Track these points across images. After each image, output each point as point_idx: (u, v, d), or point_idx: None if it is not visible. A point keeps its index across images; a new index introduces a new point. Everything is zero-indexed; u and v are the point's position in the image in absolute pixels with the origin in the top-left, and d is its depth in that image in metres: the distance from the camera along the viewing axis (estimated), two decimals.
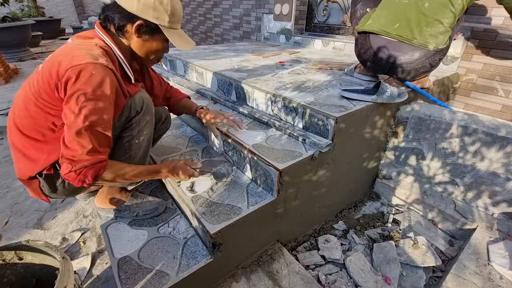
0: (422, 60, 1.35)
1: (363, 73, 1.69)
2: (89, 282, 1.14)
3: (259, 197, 1.11)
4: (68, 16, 10.70)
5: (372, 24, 1.44)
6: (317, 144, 1.16)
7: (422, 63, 1.36)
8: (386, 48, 1.39)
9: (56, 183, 0.96)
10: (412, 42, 1.32)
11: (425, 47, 1.31)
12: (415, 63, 1.36)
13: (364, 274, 1.21)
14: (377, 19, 1.43)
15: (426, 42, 1.31)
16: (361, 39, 1.51)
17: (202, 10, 4.82)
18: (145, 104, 1.02)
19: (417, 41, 1.31)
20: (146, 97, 1.03)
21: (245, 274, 1.13)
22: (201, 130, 1.59)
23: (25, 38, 5.22)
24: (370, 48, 1.45)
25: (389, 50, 1.39)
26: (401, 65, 1.39)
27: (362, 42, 1.50)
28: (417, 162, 1.53)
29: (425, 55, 1.34)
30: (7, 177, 1.81)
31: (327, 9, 2.87)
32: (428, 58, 1.35)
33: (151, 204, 1.21)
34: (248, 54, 2.50)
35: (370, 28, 1.44)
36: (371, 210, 1.65)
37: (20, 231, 1.38)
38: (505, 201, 1.28)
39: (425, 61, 1.35)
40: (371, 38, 1.45)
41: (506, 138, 1.22)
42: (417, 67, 1.38)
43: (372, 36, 1.44)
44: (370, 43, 1.45)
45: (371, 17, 1.47)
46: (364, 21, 1.50)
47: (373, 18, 1.45)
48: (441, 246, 1.39)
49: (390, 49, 1.38)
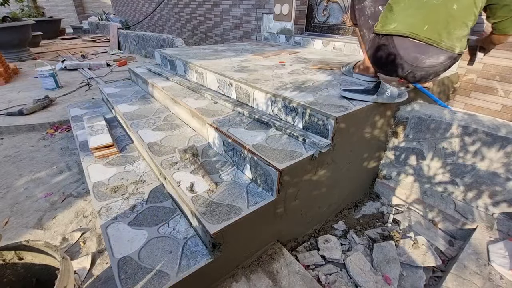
0: (445, 64, 1.32)
1: (363, 73, 1.68)
2: (89, 282, 1.14)
3: (259, 197, 1.11)
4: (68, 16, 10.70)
5: (398, 27, 1.33)
6: (317, 144, 1.16)
7: (444, 66, 1.33)
8: (412, 50, 1.32)
9: None
10: (440, 45, 1.27)
11: (452, 50, 1.28)
12: (438, 67, 1.33)
13: (364, 274, 1.21)
14: (404, 20, 1.32)
15: (453, 45, 1.27)
16: (383, 41, 1.39)
17: (202, 10, 4.82)
18: None
19: (445, 44, 1.27)
20: None
21: (245, 274, 1.13)
22: (201, 130, 1.59)
23: (25, 38, 5.23)
24: (393, 50, 1.36)
25: (415, 53, 1.31)
26: (424, 69, 1.34)
27: (383, 43, 1.39)
28: (417, 162, 1.53)
29: (449, 58, 1.30)
30: (7, 177, 1.81)
31: (327, 9, 2.87)
32: (451, 61, 1.32)
33: None
34: (248, 54, 2.50)
35: (397, 31, 1.33)
36: (371, 210, 1.65)
37: (20, 231, 1.38)
38: (505, 201, 1.28)
39: (447, 64, 1.33)
40: (395, 41, 1.34)
41: (506, 138, 1.22)
42: (438, 71, 1.35)
43: (397, 38, 1.34)
44: (395, 44, 1.35)
45: (393, 17, 1.35)
46: (385, 21, 1.38)
47: (399, 20, 1.33)
48: (441, 246, 1.39)
49: (416, 51, 1.31)
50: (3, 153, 2.12)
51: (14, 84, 3.62)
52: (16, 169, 1.91)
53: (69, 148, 2.18)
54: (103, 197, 1.35)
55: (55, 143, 2.26)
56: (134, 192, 1.38)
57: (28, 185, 1.73)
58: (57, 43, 7.13)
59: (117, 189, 1.39)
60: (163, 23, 6.33)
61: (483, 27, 1.76)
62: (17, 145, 2.23)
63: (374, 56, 1.47)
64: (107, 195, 1.35)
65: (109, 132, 1.83)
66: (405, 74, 1.40)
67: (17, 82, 3.72)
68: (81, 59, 5.05)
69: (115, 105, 2.10)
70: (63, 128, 2.50)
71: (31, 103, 2.80)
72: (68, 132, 2.43)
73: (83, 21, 9.94)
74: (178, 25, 5.77)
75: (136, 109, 2.03)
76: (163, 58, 2.55)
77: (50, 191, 1.67)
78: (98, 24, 8.49)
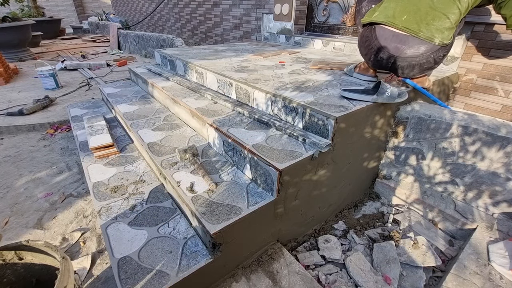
0: (427, 55, 1.34)
1: (363, 73, 1.68)
2: (89, 282, 1.14)
3: (259, 197, 1.11)
4: (68, 16, 10.70)
5: (378, 15, 1.41)
6: (317, 144, 1.16)
7: (427, 57, 1.35)
8: (392, 40, 1.37)
9: None
10: (418, 35, 1.31)
11: (431, 41, 1.31)
12: (420, 57, 1.35)
13: (364, 274, 1.21)
14: (384, 10, 1.40)
15: (432, 35, 1.30)
16: (366, 32, 1.47)
17: (202, 10, 4.82)
18: None
19: (423, 34, 1.30)
20: None
21: (245, 274, 1.13)
22: (201, 130, 1.59)
23: (25, 38, 5.23)
24: (375, 41, 1.42)
25: (395, 43, 1.36)
26: (406, 59, 1.37)
27: (367, 34, 1.47)
28: (417, 162, 1.53)
29: (430, 49, 1.33)
30: (7, 177, 1.81)
31: (327, 9, 2.87)
32: (433, 53, 1.34)
33: None
34: (248, 54, 2.50)
35: (376, 19, 1.40)
36: (371, 210, 1.65)
37: (20, 231, 1.38)
38: (505, 201, 1.28)
39: (430, 56, 1.35)
40: (376, 30, 1.42)
41: (506, 138, 1.22)
42: (422, 62, 1.37)
43: (378, 27, 1.41)
44: (376, 34, 1.41)
45: (377, 10, 1.45)
46: (370, 14, 1.47)
47: (380, 10, 1.43)
48: (441, 246, 1.39)
49: (396, 41, 1.36)
50: (3, 153, 2.12)
51: (14, 84, 3.62)
52: (16, 169, 1.91)
53: (69, 148, 2.18)
54: (103, 197, 1.35)
55: (55, 143, 2.26)
56: (134, 192, 1.38)
57: (28, 185, 1.73)
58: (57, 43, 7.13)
59: (117, 189, 1.39)
60: (163, 23, 6.33)
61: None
62: (17, 145, 2.23)
63: (361, 47, 1.55)
64: (107, 195, 1.35)
65: (109, 132, 1.83)
66: (389, 65, 1.45)
67: (17, 82, 3.72)
68: (81, 59, 5.05)
69: (115, 105, 2.10)
70: (63, 128, 2.50)
71: (31, 103, 2.80)
72: (68, 132, 2.43)
73: (83, 21, 9.94)
74: (178, 25, 5.77)
75: (136, 109, 2.03)
76: (163, 58, 2.55)
77: (50, 191, 1.67)
78: (98, 24, 8.49)
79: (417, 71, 1.42)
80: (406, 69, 1.43)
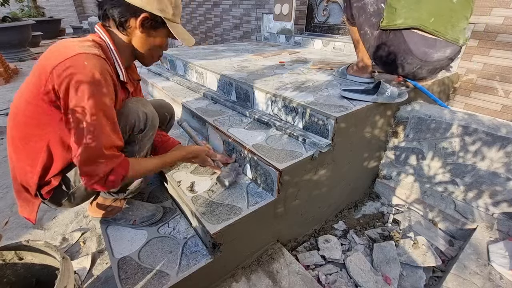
0: (451, 57, 1.33)
1: (359, 75, 1.64)
2: (89, 282, 1.14)
3: (259, 197, 1.11)
4: (68, 16, 10.70)
5: (406, 21, 1.31)
6: (317, 144, 1.16)
7: (449, 60, 1.34)
8: (422, 45, 1.31)
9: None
10: (446, 37, 1.28)
11: (456, 43, 1.30)
12: (444, 61, 1.34)
13: (364, 274, 1.21)
14: (409, 14, 1.31)
15: (457, 37, 1.29)
16: (391, 36, 1.36)
17: (202, 10, 4.82)
18: (149, 120, 0.99)
19: (450, 36, 1.28)
20: (150, 112, 0.99)
21: (245, 274, 1.13)
22: (201, 130, 1.59)
23: (25, 38, 5.23)
24: (404, 46, 1.33)
25: (424, 47, 1.31)
26: (432, 63, 1.34)
27: (393, 39, 1.36)
28: (417, 162, 1.53)
29: (454, 51, 1.32)
30: (7, 177, 1.81)
31: (327, 9, 2.87)
32: (455, 54, 1.34)
33: (148, 211, 1.16)
34: (248, 54, 2.50)
35: (406, 24, 1.30)
36: (371, 210, 1.65)
37: (20, 231, 1.38)
38: (506, 201, 1.28)
39: (451, 58, 1.34)
40: (405, 35, 1.32)
41: (506, 138, 1.22)
42: (444, 65, 1.36)
43: (406, 32, 1.32)
44: (405, 40, 1.32)
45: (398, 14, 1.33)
46: (391, 17, 1.35)
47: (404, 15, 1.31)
48: (441, 246, 1.39)
49: (425, 46, 1.31)
50: (3, 153, 2.11)
51: (14, 84, 3.63)
52: None
53: None
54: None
55: None
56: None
57: None
58: None
59: None
60: None
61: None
62: None
63: (380, 53, 1.43)
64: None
65: None
66: (413, 71, 1.39)
67: (17, 82, 3.72)
68: None
69: None
70: None
71: None
72: None
73: (83, 21, 9.94)
74: None
75: None
76: (163, 58, 2.55)
77: None
78: None
79: (436, 73, 1.40)
80: (428, 73, 1.39)
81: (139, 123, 0.95)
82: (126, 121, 0.92)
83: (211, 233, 0.94)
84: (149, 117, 0.99)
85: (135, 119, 0.94)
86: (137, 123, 0.95)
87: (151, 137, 1.04)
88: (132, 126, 0.94)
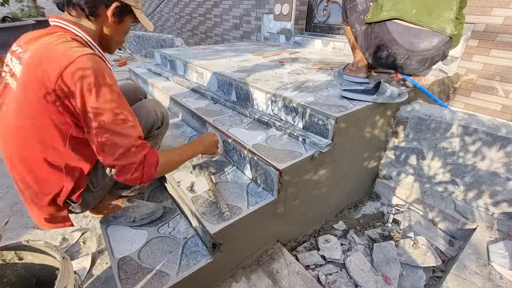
0: (440, 47, 1.35)
1: (354, 75, 1.65)
2: (89, 282, 1.14)
3: (259, 197, 1.11)
4: None
5: (389, 12, 1.36)
6: (317, 144, 1.16)
7: (438, 50, 1.35)
8: (406, 35, 1.34)
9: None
10: (431, 27, 1.31)
11: (443, 32, 1.31)
12: (432, 50, 1.35)
13: (364, 274, 1.21)
14: (393, 6, 1.36)
15: (443, 26, 1.31)
16: (376, 28, 1.41)
17: (202, 10, 4.82)
18: (165, 119, 1.15)
19: (436, 25, 1.31)
20: (165, 112, 1.15)
21: (245, 274, 1.13)
22: (201, 130, 1.59)
23: None
24: (389, 36, 1.37)
25: (409, 37, 1.34)
26: (420, 53, 1.36)
27: (377, 31, 1.40)
28: (417, 162, 1.53)
29: (442, 41, 1.34)
30: (7, 177, 1.81)
31: (327, 9, 2.87)
32: (444, 45, 1.35)
33: (148, 208, 1.18)
34: (248, 54, 2.50)
35: (389, 16, 1.35)
36: (371, 210, 1.65)
37: (20, 231, 1.38)
38: (506, 201, 1.28)
39: (441, 48, 1.35)
40: (388, 26, 1.37)
41: (506, 138, 1.22)
42: (434, 55, 1.37)
43: (389, 23, 1.36)
44: (389, 30, 1.36)
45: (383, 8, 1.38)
46: (376, 11, 1.41)
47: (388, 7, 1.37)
48: (441, 246, 1.39)
49: (409, 35, 1.34)
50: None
51: None
52: None
53: None
54: None
55: None
56: None
57: None
58: None
59: None
60: (163, 23, 6.33)
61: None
62: None
63: (367, 46, 1.49)
64: None
65: None
66: (401, 62, 1.42)
67: None
68: None
69: None
70: None
71: None
72: None
73: None
74: (178, 25, 5.77)
75: None
76: (163, 58, 2.55)
77: None
78: None
79: (428, 64, 1.41)
80: (418, 64, 1.41)
81: (158, 121, 1.11)
82: (147, 119, 1.06)
83: (211, 233, 0.94)
84: (165, 116, 1.15)
85: (154, 118, 1.09)
86: (156, 121, 1.10)
87: (163, 134, 1.20)
88: (152, 124, 1.09)
